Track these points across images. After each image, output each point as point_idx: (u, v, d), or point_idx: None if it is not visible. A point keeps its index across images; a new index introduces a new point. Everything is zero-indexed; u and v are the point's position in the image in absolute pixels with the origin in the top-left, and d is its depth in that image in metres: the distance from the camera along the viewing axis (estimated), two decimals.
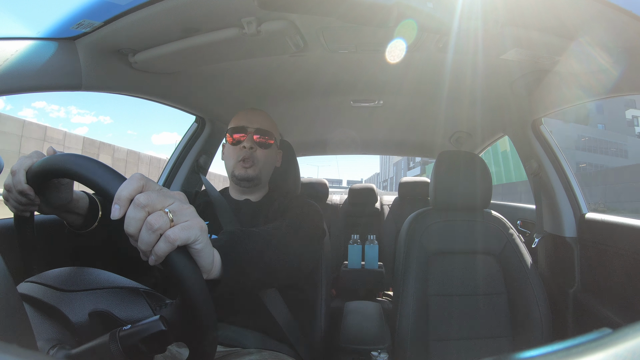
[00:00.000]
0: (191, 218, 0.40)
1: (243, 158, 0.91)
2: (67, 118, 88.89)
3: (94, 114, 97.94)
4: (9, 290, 0.29)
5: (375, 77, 1.24)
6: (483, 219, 1.16)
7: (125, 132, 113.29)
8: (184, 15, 0.75)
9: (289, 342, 0.81)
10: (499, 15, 0.72)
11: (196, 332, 0.41)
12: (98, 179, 0.39)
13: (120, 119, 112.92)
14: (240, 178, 0.91)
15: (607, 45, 0.77)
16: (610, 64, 0.82)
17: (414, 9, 0.64)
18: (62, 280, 0.52)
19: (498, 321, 1.06)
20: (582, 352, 0.19)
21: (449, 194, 1.15)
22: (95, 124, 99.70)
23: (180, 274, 0.39)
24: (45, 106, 59.53)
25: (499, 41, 0.83)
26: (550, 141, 1.28)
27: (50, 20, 0.70)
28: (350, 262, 1.83)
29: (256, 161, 0.92)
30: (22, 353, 0.20)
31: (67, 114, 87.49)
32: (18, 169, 0.51)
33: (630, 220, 1.01)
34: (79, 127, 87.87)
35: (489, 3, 0.69)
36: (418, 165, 47.58)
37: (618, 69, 0.82)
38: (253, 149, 0.92)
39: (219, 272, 0.48)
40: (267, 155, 0.95)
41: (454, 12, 0.68)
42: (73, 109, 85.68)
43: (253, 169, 0.91)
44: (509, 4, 0.69)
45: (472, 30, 0.76)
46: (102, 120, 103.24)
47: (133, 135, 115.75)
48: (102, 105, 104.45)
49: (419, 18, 0.67)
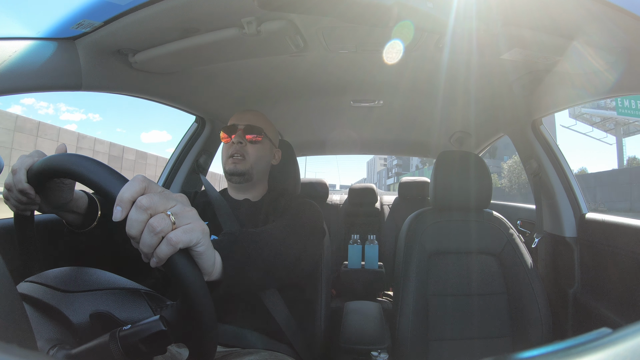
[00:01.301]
0: (193, 221, 0.40)
1: (232, 154, 0.92)
2: (55, 115, 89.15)
3: (83, 111, 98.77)
4: (9, 290, 0.29)
5: (375, 77, 1.24)
6: (483, 219, 1.16)
7: (115, 130, 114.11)
8: (184, 15, 0.75)
9: (288, 342, 0.81)
10: (499, 15, 0.72)
11: (196, 333, 0.41)
12: (100, 180, 0.39)
13: (109, 117, 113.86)
14: (230, 173, 0.92)
15: (607, 45, 0.77)
16: (610, 64, 0.82)
17: (413, 9, 0.64)
18: (62, 280, 0.52)
19: (498, 321, 1.06)
20: (582, 352, 0.19)
21: (448, 194, 1.15)
22: (84, 121, 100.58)
23: (181, 276, 0.39)
24: (34, 103, 59.79)
25: (498, 41, 0.83)
26: (550, 141, 1.28)
27: (50, 20, 0.70)
28: (350, 262, 1.83)
29: (246, 156, 0.93)
30: (22, 353, 0.20)
31: (55, 111, 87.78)
32: (19, 168, 0.51)
33: (631, 220, 1.01)
34: (67, 124, 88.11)
35: (489, 3, 0.69)
36: (394, 176, 50.36)
37: (618, 69, 0.82)
38: (242, 144, 0.93)
39: (219, 273, 0.48)
40: (258, 150, 0.95)
41: (454, 12, 0.68)
42: (62, 105, 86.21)
43: (243, 163, 0.92)
44: (508, 4, 0.69)
45: (472, 30, 0.76)
46: (91, 118, 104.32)
47: (122, 133, 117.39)
48: (92, 103, 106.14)
49: (419, 18, 0.67)
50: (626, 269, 0.98)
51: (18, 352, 0.20)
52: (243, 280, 0.55)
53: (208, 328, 0.41)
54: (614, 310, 0.99)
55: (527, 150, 1.35)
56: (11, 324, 0.28)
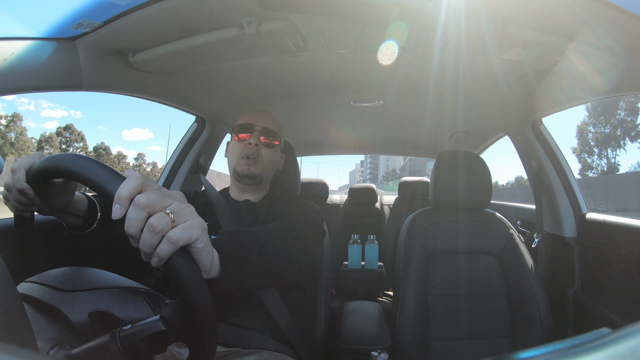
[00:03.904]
0: (191, 217, 0.40)
1: (247, 154, 0.90)
2: (36, 111, 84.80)
3: (64, 107, 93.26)
4: (9, 290, 0.29)
5: (375, 77, 1.24)
6: (483, 219, 1.16)
7: (96, 127, 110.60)
8: (184, 15, 0.75)
9: (289, 342, 0.81)
10: (499, 15, 0.72)
11: (196, 332, 0.41)
12: (97, 179, 0.39)
13: (91, 114, 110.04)
14: (242, 174, 0.91)
15: (607, 45, 0.77)
16: (610, 64, 0.82)
17: (413, 9, 0.64)
18: (62, 280, 0.52)
19: (498, 321, 1.06)
20: (582, 352, 0.19)
21: (448, 194, 1.15)
22: (65, 118, 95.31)
23: (181, 274, 0.39)
24: (15, 99, 57.63)
25: (499, 41, 0.83)
26: (550, 141, 1.28)
27: (50, 20, 0.70)
28: (350, 262, 1.83)
29: (260, 159, 0.92)
30: (22, 353, 0.20)
31: (36, 107, 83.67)
32: (18, 168, 0.51)
33: (631, 220, 1.01)
34: (48, 121, 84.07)
35: (490, 3, 0.69)
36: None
37: (618, 69, 0.82)
38: (258, 147, 0.92)
39: (217, 271, 0.48)
40: (272, 155, 0.94)
41: (454, 12, 0.68)
42: (43, 102, 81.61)
43: (256, 166, 0.91)
44: (509, 4, 0.69)
45: (473, 30, 0.76)
46: (72, 115, 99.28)
47: (104, 130, 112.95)
48: (74, 99, 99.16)
49: (419, 18, 0.67)
50: (626, 269, 0.98)
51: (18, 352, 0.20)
52: (241, 279, 0.55)
53: (208, 327, 0.41)
54: (614, 310, 0.99)
55: (527, 150, 1.35)
56: (11, 324, 0.28)
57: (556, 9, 0.69)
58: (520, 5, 0.70)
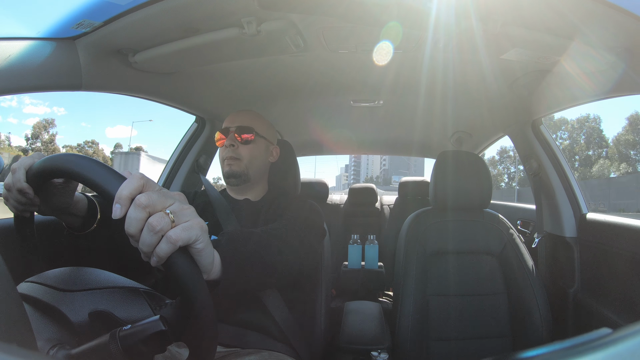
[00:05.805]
0: (191, 218, 0.40)
1: (225, 156, 0.93)
2: (19, 108, 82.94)
3: (47, 104, 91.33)
4: (9, 290, 0.29)
5: (375, 77, 1.24)
6: (483, 219, 1.16)
7: (79, 125, 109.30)
8: (184, 15, 0.75)
9: (288, 342, 0.81)
10: (499, 15, 0.72)
11: (196, 332, 0.41)
12: (98, 179, 0.39)
13: (74, 111, 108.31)
14: (227, 175, 0.93)
15: (607, 45, 0.77)
16: (610, 64, 0.82)
17: (414, 9, 0.64)
18: (62, 280, 0.52)
19: (498, 321, 1.06)
20: (582, 352, 0.19)
21: (449, 194, 1.15)
22: (48, 114, 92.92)
23: (181, 274, 0.39)
24: None
25: (499, 41, 0.83)
26: (550, 141, 1.28)
27: (50, 20, 0.70)
28: (350, 262, 1.83)
29: (240, 157, 0.93)
30: (22, 353, 0.20)
31: (19, 104, 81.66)
32: (18, 167, 0.51)
33: (631, 220, 1.01)
34: (30, 117, 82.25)
35: (489, 3, 0.69)
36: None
37: (618, 69, 0.82)
38: (235, 147, 0.93)
39: (218, 272, 0.48)
40: (251, 150, 0.94)
41: (455, 12, 0.68)
42: (26, 98, 79.57)
43: (237, 165, 0.92)
44: (509, 3, 0.69)
45: (472, 31, 0.76)
46: (55, 112, 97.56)
47: (87, 127, 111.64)
48: (57, 96, 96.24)
49: (419, 17, 0.67)
50: (626, 269, 0.98)
51: (18, 352, 0.20)
52: (242, 280, 0.55)
53: (208, 327, 0.41)
54: (614, 310, 0.99)
55: (527, 150, 1.35)
56: (11, 324, 0.28)
57: (556, 9, 0.69)
58: (520, 5, 0.70)
